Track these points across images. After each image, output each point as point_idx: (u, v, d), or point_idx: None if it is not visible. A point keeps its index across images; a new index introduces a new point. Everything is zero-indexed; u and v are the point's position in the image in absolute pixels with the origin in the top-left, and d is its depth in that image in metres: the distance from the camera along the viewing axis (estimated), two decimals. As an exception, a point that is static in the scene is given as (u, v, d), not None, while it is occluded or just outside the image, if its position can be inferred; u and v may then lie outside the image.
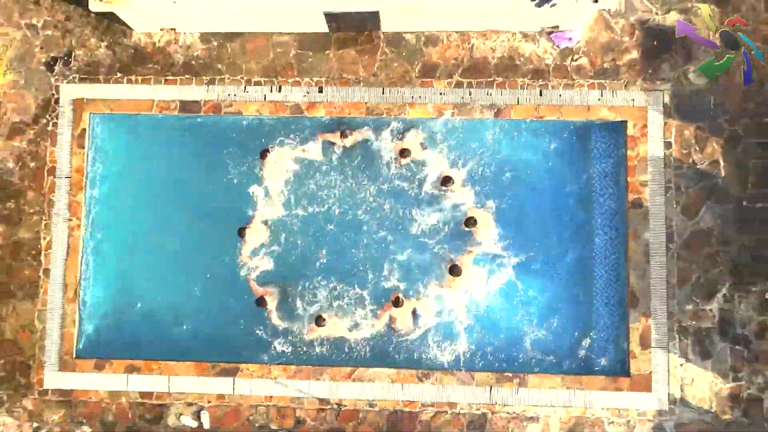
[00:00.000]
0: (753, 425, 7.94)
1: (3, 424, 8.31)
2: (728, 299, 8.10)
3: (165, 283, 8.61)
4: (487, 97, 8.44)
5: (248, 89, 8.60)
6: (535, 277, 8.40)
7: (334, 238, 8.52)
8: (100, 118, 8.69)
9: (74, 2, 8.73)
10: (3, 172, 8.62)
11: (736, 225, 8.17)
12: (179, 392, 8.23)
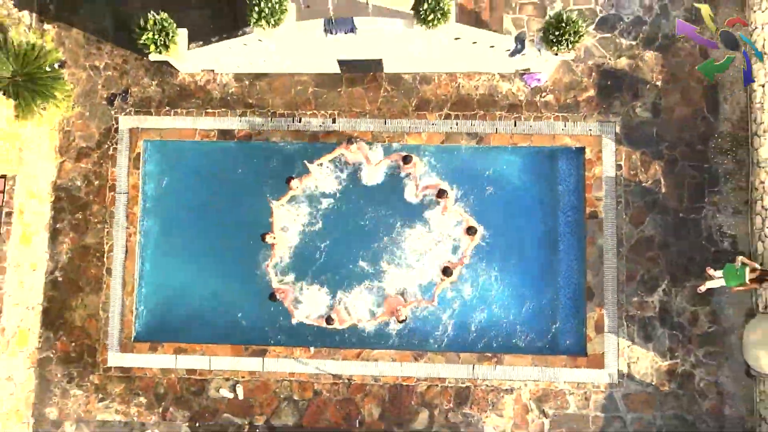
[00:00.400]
0: (686, 395, 9.76)
1: (74, 395, 10.13)
2: (667, 293, 9.92)
3: (205, 280, 10.42)
4: (471, 127, 10.26)
5: (273, 120, 10.43)
6: (510, 275, 10.21)
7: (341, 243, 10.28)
8: (152, 144, 10.53)
9: (130, 48, 10.56)
10: (72, 189, 10.46)
11: (674, 233, 10.00)
12: (218, 369, 10.05)
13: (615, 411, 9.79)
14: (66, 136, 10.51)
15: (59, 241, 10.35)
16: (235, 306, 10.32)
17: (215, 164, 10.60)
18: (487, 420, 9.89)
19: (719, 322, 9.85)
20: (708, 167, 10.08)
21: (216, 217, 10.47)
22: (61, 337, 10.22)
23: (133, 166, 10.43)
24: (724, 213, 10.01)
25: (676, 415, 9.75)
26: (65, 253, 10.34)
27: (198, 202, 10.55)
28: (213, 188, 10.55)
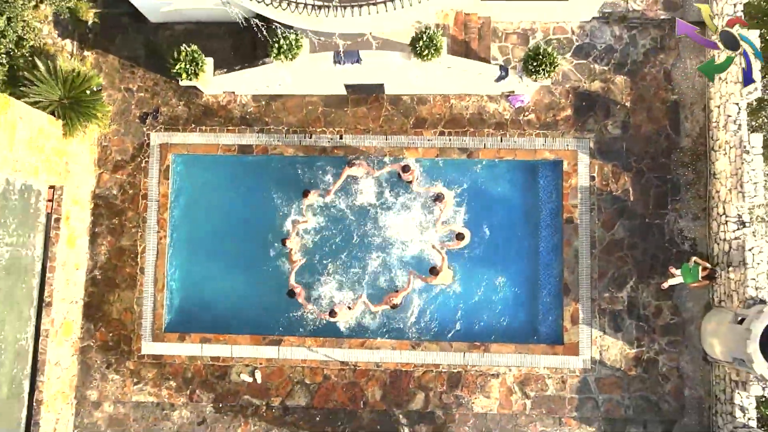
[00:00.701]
0: (650, 379, 11.09)
1: (112, 379, 11.48)
2: (634, 289, 11.27)
3: (226, 278, 11.77)
4: (462, 142, 11.61)
5: (287, 136, 11.77)
6: (496, 273, 11.56)
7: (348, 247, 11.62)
8: (179, 157, 11.89)
9: (160, 72, 11.91)
10: (109, 197, 11.81)
11: (640, 235, 11.34)
12: (239, 357, 11.39)
13: (588, 393, 11.14)
14: (104, 151, 11.86)
15: (98, 244, 11.70)
16: (254, 301, 11.68)
17: (235, 175, 11.96)
18: (476, 401, 11.23)
19: (680, 315, 11.20)
20: (671, 178, 11.43)
21: (236, 222, 11.84)
22: (100, 328, 11.57)
23: (163, 177, 11.78)
24: (684, 219, 11.36)
25: (642, 396, 11.10)
26: (103, 254, 11.69)
27: (220, 209, 11.91)
28: (233, 197, 11.92)
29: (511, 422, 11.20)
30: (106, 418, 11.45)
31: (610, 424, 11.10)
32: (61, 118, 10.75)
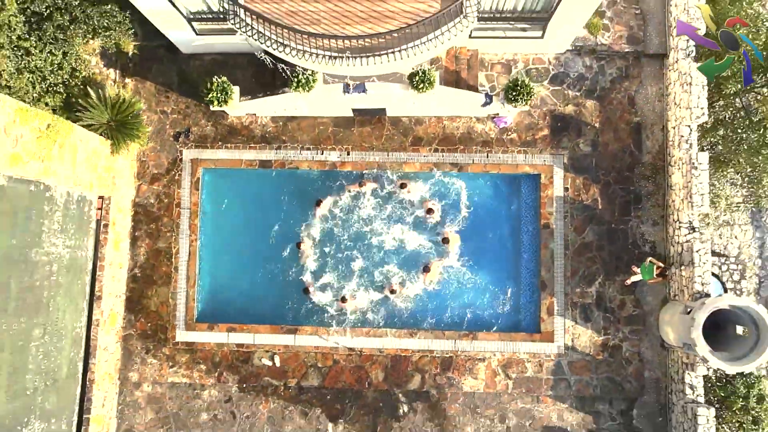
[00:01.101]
0: (615, 362, 12.87)
1: (150, 363, 13.27)
2: (601, 285, 13.05)
3: (250, 276, 13.55)
4: (454, 158, 13.39)
5: (302, 152, 13.56)
6: (483, 272, 13.34)
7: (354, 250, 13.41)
8: (208, 171, 13.68)
9: (191, 97, 13.69)
10: (147, 205, 13.60)
11: (607, 239, 13.13)
12: (260, 344, 13.16)
13: (562, 374, 12.92)
14: (142, 165, 13.66)
15: (138, 246, 13.50)
16: (273, 295, 13.46)
17: (256, 186, 13.76)
18: (465, 382, 13.00)
19: (641, 307, 12.99)
20: (633, 189, 13.22)
21: (257, 227, 13.63)
22: (140, 319, 13.37)
23: (194, 188, 13.57)
24: (645, 224, 13.15)
25: (608, 378, 12.88)
26: (143, 254, 13.49)
27: (244, 216, 13.70)
28: (255, 205, 13.71)
29: (495, 400, 12.99)
30: (145, 396, 13.24)
31: (580, 401, 12.89)
32: (109, 138, 12.53)
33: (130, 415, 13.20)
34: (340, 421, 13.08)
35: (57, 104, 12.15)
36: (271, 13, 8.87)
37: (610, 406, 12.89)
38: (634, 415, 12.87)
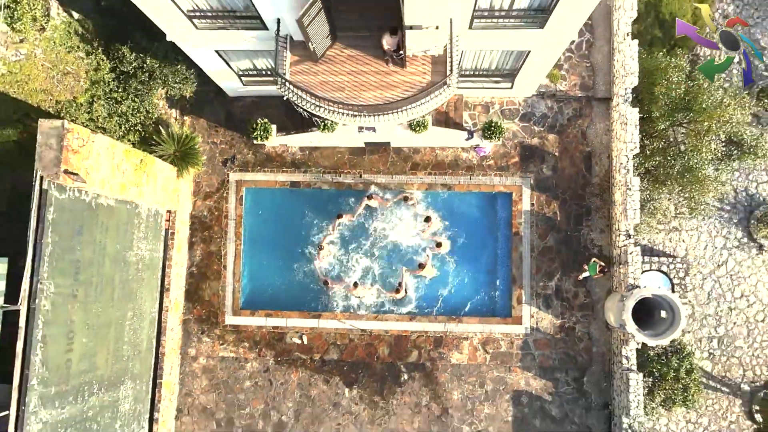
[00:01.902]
0: (570, 340, 16.45)
1: (205, 341, 16.85)
2: (559, 280, 16.62)
3: (282, 272, 17.13)
4: (444, 180, 16.97)
5: (324, 175, 17.14)
6: (467, 270, 16.91)
7: (364, 251, 16.99)
8: (249, 190, 17.27)
9: (235, 130, 17.28)
10: (202, 217, 17.19)
11: (564, 244, 16.71)
12: (291, 326, 16.75)
13: (528, 350, 16.49)
14: (198, 185, 17.26)
15: (194, 249, 17.10)
16: (301, 288, 17.04)
17: (288, 201, 17.34)
18: (453, 356, 16.57)
19: (590, 297, 16.58)
20: (585, 204, 16.79)
21: (289, 233, 17.21)
22: (196, 306, 16.96)
23: (238, 203, 17.16)
24: (594, 232, 16.72)
25: (564, 352, 16.45)
26: (198, 256, 17.08)
27: (277, 225, 17.30)
28: (286, 216, 17.29)
29: (476, 370, 16.57)
30: (200, 367, 16.84)
31: (542, 371, 16.47)
32: (174, 165, 16.12)
33: (189, 382, 16.81)
34: (355, 387, 16.68)
35: (136, 140, 15.75)
36: (308, 83, 12.43)
37: (566, 374, 16.48)
38: (584, 382, 16.47)
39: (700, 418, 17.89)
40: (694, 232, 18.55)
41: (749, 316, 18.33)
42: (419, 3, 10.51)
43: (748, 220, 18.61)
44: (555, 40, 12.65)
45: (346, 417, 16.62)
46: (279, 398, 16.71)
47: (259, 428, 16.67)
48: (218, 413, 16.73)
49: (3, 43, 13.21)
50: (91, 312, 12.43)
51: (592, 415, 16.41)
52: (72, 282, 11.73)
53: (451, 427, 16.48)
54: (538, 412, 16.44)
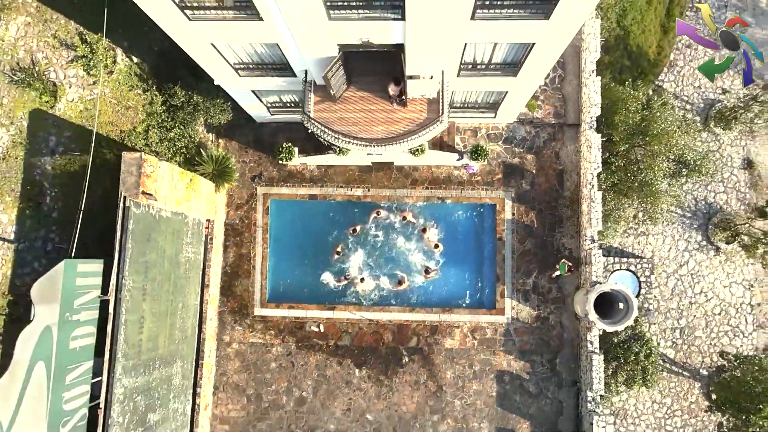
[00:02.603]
0: (545, 328, 19.57)
1: (237, 329, 19.97)
2: (536, 278, 19.75)
3: (302, 271, 20.27)
4: (439, 193, 20.10)
5: (337, 189, 20.26)
6: (459, 269, 20.03)
7: (373, 254, 20.13)
8: (274, 201, 20.41)
9: (262, 151, 20.41)
10: (234, 225, 20.33)
11: (540, 247, 19.83)
12: (310, 317, 19.87)
13: (510, 336, 19.62)
14: (230, 197, 20.40)
15: (228, 252, 20.23)
16: (318, 284, 20.17)
17: (307, 211, 20.48)
18: (446, 342, 19.69)
19: (562, 292, 19.71)
20: (558, 214, 19.91)
21: (307, 239, 20.34)
22: (230, 300, 20.09)
23: (265, 213, 20.29)
24: (565, 237, 19.85)
25: (540, 338, 19.58)
26: (231, 257, 20.22)
27: (298, 231, 20.43)
28: (305, 224, 20.43)
29: (465, 353, 19.69)
30: (233, 351, 19.97)
31: (521, 353, 19.59)
32: (213, 181, 19.25)
33: (224, 364, 19.94)
34: (364, 368, 19.81)
35: (181, 161, 18.88)
36: (328, 120, 15.55)
37: (541, 357, 19.60)
38: (557, 363, 19.59)
39: (664, 399, 21.03)
40: (659, 236, 21.68)
41: (707, 309, 21.46)
42: (417, 59, 13.61)
43: (706, 225, 21.73)
44: (526, 84, 15.77)
45: (356, 393, 19.76)
46: (300, 377, 19.84)
47: (283, 403, 19.80)
48: (248, 390, 19.87)
49: (81, 85, 16.38)
50: (154, 303, 15.58)
51: (563, 391, 19.55)
52: (143, 279, 14.87)
53: (445, 401, 19.62)
54: (517, 388, 19.58)
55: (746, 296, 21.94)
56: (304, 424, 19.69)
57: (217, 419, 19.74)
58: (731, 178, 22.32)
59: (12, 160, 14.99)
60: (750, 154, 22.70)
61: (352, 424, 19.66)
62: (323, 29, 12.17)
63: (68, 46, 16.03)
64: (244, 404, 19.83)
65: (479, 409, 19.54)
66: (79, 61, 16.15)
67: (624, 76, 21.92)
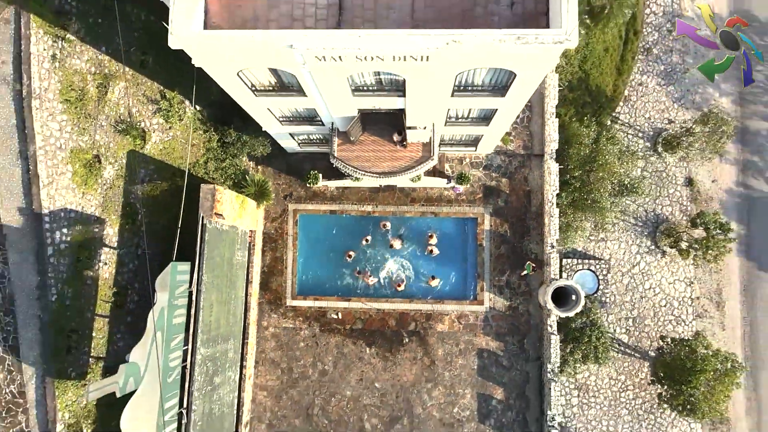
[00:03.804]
0: (515, 315, 24.90)
1: (273, 316, 25.32)
2: (509, 276, 25.09)
3: (325, 270, 25.63)
4: (432, 209, 25.44)
5: (352, 205, 25.62)
6: (449, 270, 25.38)
7: (381, 257, 25.47)
8: (302, 215, 25.78)
9: (292, 176, 25.77)
10: (270, 234, 25.68)
11: (512, 251, 25.18)
12: (330, 306, 25.22)
13: (488, 322, 24.98)
14: (267, 212, 25.77)
15: (265, 255, 25.61)
16: (336, 281, 25.53)
17: (328, 223, 25.83)
18: (438, 326, 25.04)
19: (529, 287, 25.06)
20: (526, 225, 25.26)
21: (328, 245, 25.70)
22: (267, 293, 25.46)
23: (294, 224, 25.66)
24: (532, 244, 25.19)
25: (512, 323, 24.93)
26: (268, 259, 25.58)
27: (321, 239, 25.79)
28: (327, 233, 25.79)
29: (453, 336, 25.04)
30: (270, 334, 25.34)
31: (497, 335, 24.93)
32: (254, 200, 24.60)
33: (263, 343, 25.31)
34: (373, 346, 25.15)
35: (230, 184, 24.24)
36: (348, 157, 20.86)
37: (512, 338, 24.94)
38: (524, 343, 24.93)
39: (619, 376, 26.39)
40: (615, 241, 27.03)
41: (655, 302, 26.79)
42: (414, 117, 18.92)
43: (655, 233, 27.08)
44: (496, 130, 21.09)
45: (367, 366, 25.12)
46: (322, 354, 25.19)
47: (309, 374, 25.17)
48: (282, 364, 25.24)
49: (161, 131, 21.78)
50: (217, 294, 20.93)
51: (529, 365, 24.89)
52: (212, 276, 20.21)
53: (437, 372, 24.98)
54: (494, 362, 24.92)
55: (687, 291, 27.30)
56: (326, 391, 25.07)
57: (258, 387, 25.13)
58: (675, 193, 27.69)
59: (116, 189, 20.37)
60: (691, 174, 28.09)
61: (363, 390, 25.03)
62: (348, 101, 17.52)
63: (153, 101, 21.40)
64: (279, 375, 25.20)
65: (464, 378, 24.90)
66: (160, 113, 21.52)
67: (585, 110, 27.34)
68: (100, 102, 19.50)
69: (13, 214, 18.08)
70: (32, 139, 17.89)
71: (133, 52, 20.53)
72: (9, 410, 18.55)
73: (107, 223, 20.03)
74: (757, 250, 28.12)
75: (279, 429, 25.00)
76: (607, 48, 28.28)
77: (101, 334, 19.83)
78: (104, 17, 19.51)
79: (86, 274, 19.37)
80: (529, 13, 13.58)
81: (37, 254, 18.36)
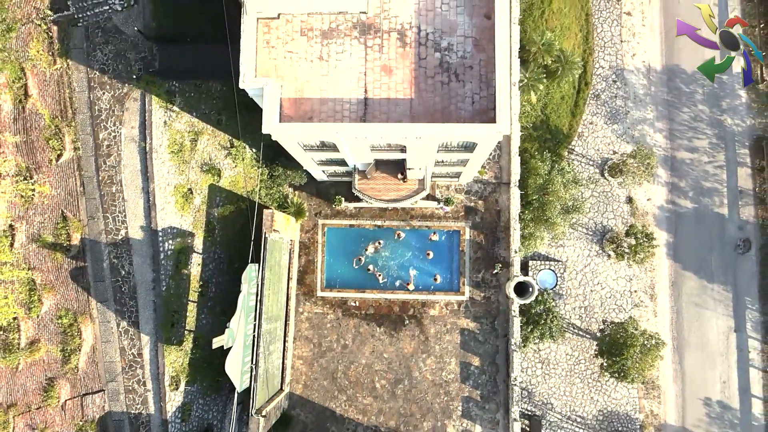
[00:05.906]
0: (489, 303, 33.27)
1: (307, 304, 33.74)
2: (484, 273, 33.47)
3: (346, 270, 34.03)
4: (426, 223, 33.85)
5: (367, 220, 34.03)
6: (439, 270, 33.78)
7: (386, 259, 33.87)
8: (329, 228, 34.21)
9: (321, 198, 34.19)
10: (305, 242, 34.07)
11: (485, 255, 33.59)
12: (350, 297, 33.61)
13: (468, 308, 33.37)
14: (302, 226, 34.19)
15: (301, 258, 34.02)
16: (353, 277, 33.95)
17: (348, 234, 34.24)
18: (431, 312, 33.42)
19: (499, 282, 33.53)
20: (497, 236, 33.64)
21: (349, 250, 34.12)
22: (302, 287, 33.89)
23: (323, 235, 34.07)
24: (501, 249, 33.59)
25: (485, 309, 33.34)
26: (303, 262, 34.00)
27: (343, 246, 34.21)
28: (347, 242, 34.20)
29: (442, 319, 33.44)
30: (305, 317, 33.77)
31: (475, 318, 33.32)
32: (294, 217, 32.96)
33: (299, 324, 33.74)
34: (382, 327, 33.55)
35: (275, 206, 32.63)
36: (364, 189, 29.18)
37: (486, 320, 33.33)
38: (495, 324, 33.33)
39: (573, 352, 34.81)
40: (571, 247, 35.49)
41: (602, 295, 35.21)
42: (412, 162, 27.26)
43: (602, 240, 35.51)
44: (471, 168, 29.45)
45: (377, 342, 33.52)
46: (344, 332, 33.59)
47: (334, 347, 33.59)
48: (313, 340, 33.66)
49: (230, 168, 30.25)
50: (271, 287, 29.32)
51: (499, 341, 33.29)
52: (269, 274, 28.58)
53: (430, 346, 33.38)
54: (472, 338, 33.32)
55: (627, 286, 35.64)
56: (347, 360, 33.49)
57: (296, 357, 33.57)
58: (618, 209, 36.11)
59: (201, 212, 28.80)
60: (630, 193, 36.47)
61: (375, 360, 33.46)
62: (367, 155, 25.91)
63: (224, 147, 29.81)
64: (311, 348, 33.61)
65: (450, 350, 33.31)
66: (230, 156, 29.93)
67: (546, 144, 35.76)
68: (192, 151, 27.95)
69: (137, 231, 26.53)
70: (151, 179, 26.32)
71: (212, 114, 28.98)
72: (131, 366, 27.00)
73: (196, 236, 28.48)
74: (682, 254, 36.48)
75: (312, 387, 33.47)
76: (563, 96, 36.73)
77: (192, 314, 28.28)
78: (196, 92, 27.93)
79: (183, 272, 27.81)
80: (483, 108, 21.95)
81: (152, 258, 26.79)
